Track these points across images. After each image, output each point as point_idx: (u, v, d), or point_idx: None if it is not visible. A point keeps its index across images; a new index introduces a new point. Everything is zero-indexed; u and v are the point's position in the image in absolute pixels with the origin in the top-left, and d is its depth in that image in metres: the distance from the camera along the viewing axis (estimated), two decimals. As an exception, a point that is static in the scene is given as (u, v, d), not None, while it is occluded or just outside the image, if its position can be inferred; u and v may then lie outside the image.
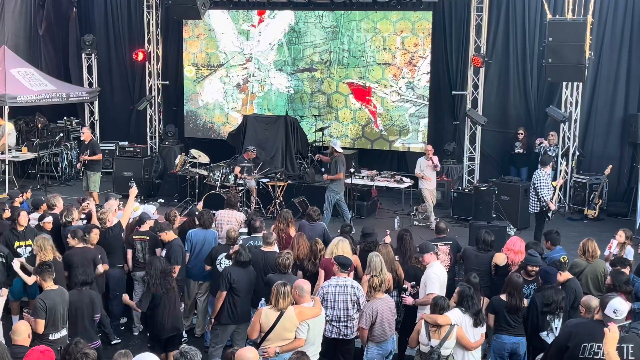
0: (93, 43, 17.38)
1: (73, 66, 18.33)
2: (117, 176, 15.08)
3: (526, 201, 12.06)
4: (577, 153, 14.38)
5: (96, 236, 8.31)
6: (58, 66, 18.40)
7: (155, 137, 17.65)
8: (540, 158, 12.43)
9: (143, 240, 8.67)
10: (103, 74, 18.09)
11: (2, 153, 15.25)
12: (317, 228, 9.13)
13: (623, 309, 5.37)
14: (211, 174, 13.15)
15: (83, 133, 14.01)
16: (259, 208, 13.20)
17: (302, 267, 8.03)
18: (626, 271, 7.38)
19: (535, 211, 11.08)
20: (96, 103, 17.46)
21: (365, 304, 6.93)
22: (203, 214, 8.78)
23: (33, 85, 15.21)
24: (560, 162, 14.04)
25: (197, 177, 13.80)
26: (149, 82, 17.53)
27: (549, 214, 10.97)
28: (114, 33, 18.22)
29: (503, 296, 6.99)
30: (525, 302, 7.06)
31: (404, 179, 13.50)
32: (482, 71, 14.77)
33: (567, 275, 7.26)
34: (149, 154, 16.33)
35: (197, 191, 13.64)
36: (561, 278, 7.16)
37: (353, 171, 13.42)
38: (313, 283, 7.63)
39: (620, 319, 5.31)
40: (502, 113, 15.35)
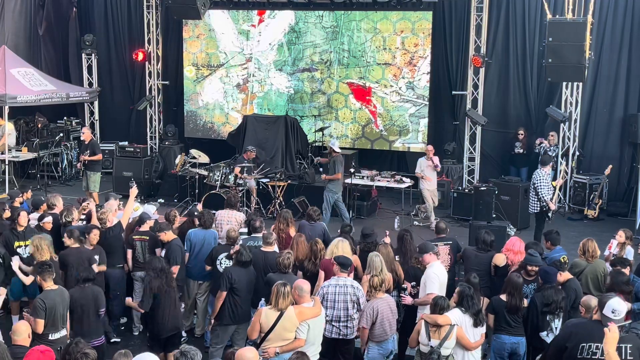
0: (93, 43, 17.38)
1: (73, 66, 18.33)
2: (117, 176, 15.07)
3: (526, 201, 12.06)
4: (577, 153, 14.38)
5: (96, 237, 8.31)
6: (58, 66, 18.40)
7: (155, 137, 17.65)
8: (540, 158, 12.43)
9: (143, 240, 8.68)
10: (103, 74, 18.09)
11: (2, 153, 15.24)
12: (317, 228, 9.14)
13: (621, 309, 5.37)
14: (211, 174, 13.15)
15: (83, 133, 14.01)
16: (259, 208, 13.20)
17: (303, 268, 8.03)
18: (626, 271, 7.39)
19: (535, 211, 11.07)
20: (96, 103, 17.47)
21: (365, 304, 6.93)
22: (203, 214, 8.79)
23: (33, 85, 15.21)
24: (560, 162, 14.05)
25: (197, 177, 13.80)
26: (149, 82, 17.53)
27: (549, 214, 10.96)
28: (114, 33, 18.22)
29: (503, 296, 6.99)
30: (525, 302, 7.07)
31: (404, 179, 13.49)
32: (482, 71, 14.77)
33: (567, 275, 7.26)
34: (149, 154, 16.32)
35: (197, 191, 13.64)
36: (561, 278, 7.16)
37: (353, 171, 13.42)
38: (313, 283, 7.65)
39: (618, 319, 5.31)
40: (502, 113, 15.35)
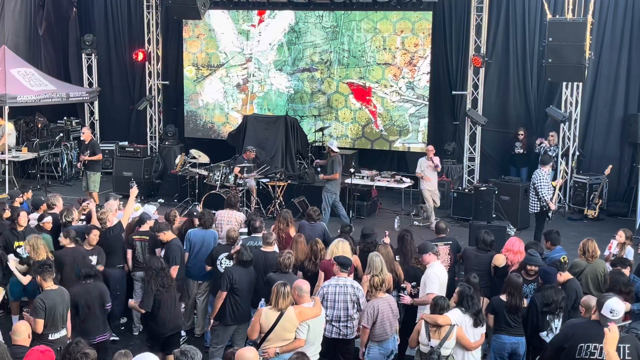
0: (93, 43, 17.38)
1: (73, 66, 18.33)
2: (117, 176, 15.07)
3: (526, 201, 12.06)
4: (577, 153, 14.38)
5: (95, 237, 8.31)
6: (58, 66, 18.40)
7: (155, 137, 17.65)
8: (540, 158, 12.43)
9: (143, 240, 8.68)
10: (103, 74, 18.09)
11: (2, 153, 15.24)
12: (317, 228, 9.14)
13: (619, 309, 5.36)
14: (211, 174, 13.15)
15: (83, 133, 14.00)
16: (259, 208, 13.20)
17: (303, 268, 8.03)
18: (626, 271, 7.39)
19: (535, 211, 11.07)
20: (96, 103, 17.47)
21: (366, 303, 6.93)
22: (204, 214, 8.79)
23: (33, 85, 15.21)
24: (560, 162, 14.05)
25: (197, 177, 13.80)
26: (149, 82, 17.53)
27: (549, 214, 10.96)
28: (114, 33, 18.22)
29: (503, 296, 6.99)
30: (525, 302, 7.07)
31: (404, 179, 13.48)
32: (482, 71, 14.76)
33: (567, 275, 7.26)
34: (149, 154, 16.32)
35: (197, 191, 13.64)
36: (561, 278, 7.16)
37: (353, 171, 13.42)
38: (313, 283, 7.65)
39: (617, 319, 5.30)
40: (502, 113, 15.35)
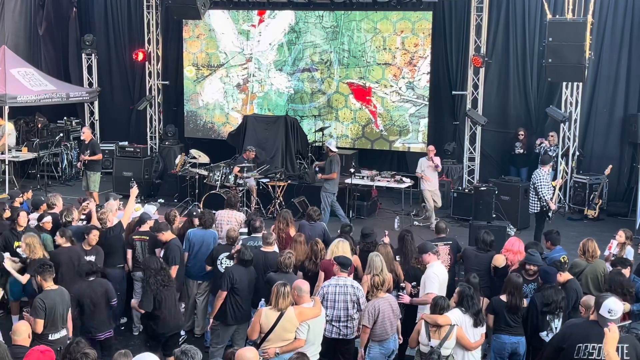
0: (93, 43, 17.38)
1: (73, 66, 18.33)
2: (117, 176, 15.07)
3: (526, 201, 12.05)
4: (577, 153, 14.38)
5: (95, 237, 8.30)
6: (58, 66, 18.40)
7: (155, 137, 17.65)
8: (540, 157, 12.43)
9: (143, 240, 8.68)
10: (103, 74, 18.09)
11: (2, 153, 15.24)
12: (317, 228, 9.14)
13: (617, 309, 5.36)
14: (211, 174, 13.15)
15: (83, 133, 14.00)
16: (259, 208, 13.20)
17: (303, 268, 8.02)
18: (626, 271, 7.38)
19: (535, 211, 11.06)
20: (96, 103, 17.47)
21: (366, 303, 6.93)
22: (204, 214, 8.79)
23: (33, 85, 15.21)
24: (560, 162, 14.05)
25: (197, 177, 13.80)
26: (149, 82, 17.53)
27: (549, 214, 10.95)
28: (114, 33, 18.23)
29: (503, 297, 6.98)
30: (525, 302, 7.06)
31: (404, 179, 13.48)
32: (482, 71, 14.76)
33: (567, 276, 7.25)
34: (149, 154, 16.32)
35: (197, 191, 13.63)
36: (561, 279, 7.15)
37: (353, 171, 13.42)
38: (314, 283, 7.65)
39: (615, 319, 5.31)
40: (502, 113, 15.35)
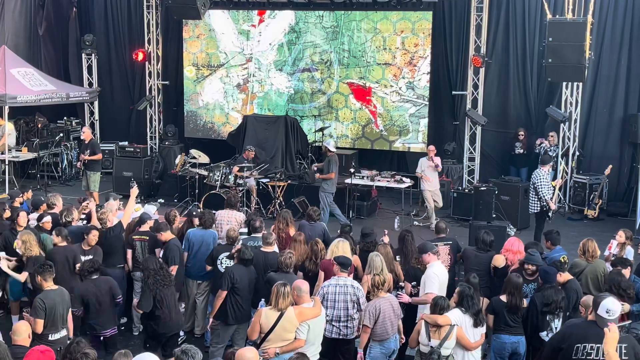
0: (93, 43, 17.38)
1: (73, 66, 18.33)
2: (117, 176, 15.06)
3: (526, 201, 12.04)
4: (577, 153, 14.38)
5: (94, 238, 8.29)
6: (58, 66, 18.40)
7: (155, 137, 17.65)
8: (540, 157, 12.42)
9: (143, 240, 8.67)
10: (103, 74, 18.09)
11: (2, 153, 15.24)
12: (317, 228, 9.14)
13: (615, 309, 5.36)
14: (211, 174, 13.15)
15: (83, 132, 13.99)
16: (259, 208, 13.20)
17: (304, 268, 8.02)
18: (627, 272, 7.37)
19: (535, 211, 11.05)
20: (96, 103, 17.47)
21: (367, 303, 6.93)
22: (204, 214, 8.79)
23: (33, 85, 15.21)
24: (560, 162, 14.05)
25: (197, 177, 13.79)
26: (149, 82, 17.53)
27: (550, 214, 10.95)
28: (114, 33, 18.23)
29: (503, 297, 6.98)
30: (524, 302, 7.06)
31: (404, 179, 13.48)
32: (482, 71, 14.76)
33: (567, 276, 7.25)
34: (149, 154, 16.32)
35: (197, 191, 13.63)
36: (561, 279, 7.15)
37: (353, 171, 13.42)
38: (314, 283, 7.65)
39: (613, 319, 5.31)
40: (502, 113, 15.35)
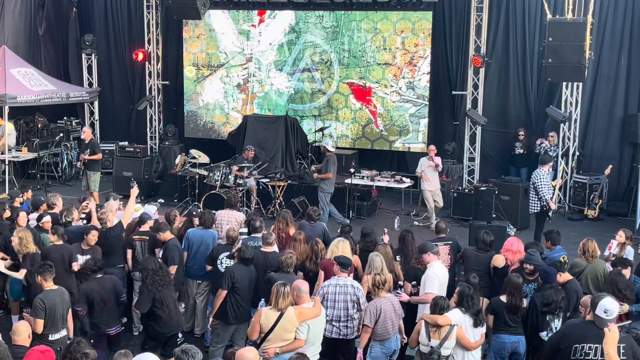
0: (93, 43, 17.38)
1: (73, 66, 18.33)
2: (117, 176, 15.06)
3: (526, 201, 12.05)
4: (577, 153, 14.38)
5: (94, 238, 8.28)
6: (58, 66, 18.39)
7: (155, 137, 17.65)
8: (540, 157, 12.42)
9: (143, 240, 8.67)
10: (103, 74, 18.08)
11: (2, 153, 15.24)
12: (317, 228, 9.14)
13: (613, 309, 5.36)
14: (211, 174, 13.15)
15: (84, 132, 14.00)
16: (259, 208, 13.20)
17: (304, 268, 8.02)
18: (627, 272, 7.37)
19: (535, 211, 11.05)
20: (96, 103, 17.47)
21: (367, 303, 6.92)
22: (204, 214, 8.79)
23: (33, 85, 15.20)
24: (560, 162, 14.05)
25: (197, 177, 13.80)
26: (149, 82, 17.53)
27: (550, 213, 10.95)
28: (114, 33, 18.22)
29: (503, 297, 6.98)
30: (524, 302, 7.06)
31: (404, 179, 13.49)
32: (482, 71, 14.76)
33: (567, 276, 7.24)
34: (149, 154, 16.31)
35: (197, 191, 13.63)
36: (561, 279, 7.15)
37: (353, 171, 13.42)
38: (315, 283, 7.65)
39: (611, 319, 5.31)
40: (502, 113, 15.35)
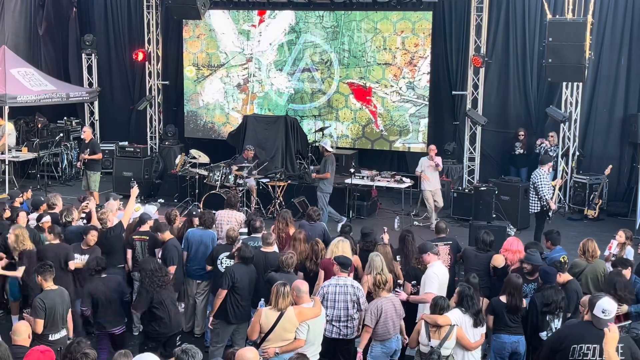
0: (93, 43, 17.38)
1: (73, 66, 18.33)
2: (117, 176, 15.06)
3: (526, 201, 12.05)
4: (577, 153, 14.38)
5: (93, 238, 8.28)
6: (58, 66, 18.39)
7: (155, 137, 17.65)
8: (540, 157, 12.42)
9: (143, 240, 8.67)
10: (103, 74, 18.09)
11: (2, 153, 15.24)
12: (317, 228, 9.14)
13: (611, 309, 5.36)
14: (211, 174, 13.15)
15: (84, 132, 14.00)
16: (259, 208, 13.20)
17: (305, 268, 8.02)
18: (627, 272, 7.36)
19: (535, 211, 11.05)
20: (96, 103, 17.47)
21: (367, 303, 6.92)
22: (204, 214, 8.79)
23: (33, 85, 15.20)
24: (560, 162, 14.05)
25: (197, 177, 13.80)
26: (149, 82, 17.53)
27: (550, 213, 10.95)
28: (114, 33, 18.22)
29: (502, 297, 6.97)
30: (524, 303, 7.06)
31: (404, 179, 13.49)
32: (482, 71, 14.76)
33: (567, 277, 7.24)
34: (149, 154, 16.32)
35: (197, 191, 13.63)
36: (560, 279, 7.14)
37: (353, 171, 13.42)
38: (315, 283, 7.65)
39: (609, 319, 5.31)
40: (502, 113, 15.35)
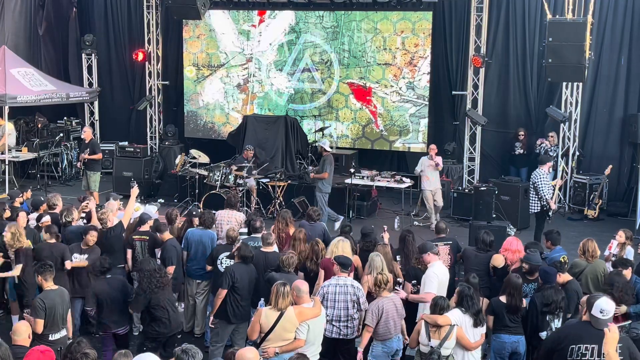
0: (93, 43, 17.38)
1: (73, 66, 18.33)
2: (117, 176, 15.06)
3: (526, 201, 12.05)
4: (577, 153, 14.38)
5: (92, 238, 8.28)
6: (58, 66, 18.39)
7: (155, 137, 17.65)
8: (539, 157, 12.42)
9: (143, 240, 8.67)
10: (103, 74, 18.09)
11: (2, 153, 15.24)
12: (317, 228, 9.14)
13: (609, 309, 5.36)
14: (211, 174, 13.15)
15: (84, 132, 14.00)
16: (259, 208, 13.21)
17: (305, 268, 8.02)
18: (627, 272, 7.36)
19: (535, 211, 11.05)
20: (96, 103, 17.47)
21: (370, 303, 6.92)
22: (204, 214, 8.79)
23: (33, 85, 15.20)
24: (560, 162, 14.05)
25: (197, 177, 13.81)
26: (149, 82, 17.52)
27: (550, 213, 10.94)
28: (114, 33, 18.22)
29: (502, 297, 6.97)
30: (524, 302, 7.06)
31: (404, 179, 13.48)
32: (482, 71, 14.76)
33: (567, 277, 7.24)
34: (149, 154, 16.32)
35: (197, 191, 13.64)
36: (560, 279, 7.14)
37: (353, 171, 13.42)
38: (315, 283, 7.66)
39: (607, 319, 5.31)
40: (502, 113, 15.35)
